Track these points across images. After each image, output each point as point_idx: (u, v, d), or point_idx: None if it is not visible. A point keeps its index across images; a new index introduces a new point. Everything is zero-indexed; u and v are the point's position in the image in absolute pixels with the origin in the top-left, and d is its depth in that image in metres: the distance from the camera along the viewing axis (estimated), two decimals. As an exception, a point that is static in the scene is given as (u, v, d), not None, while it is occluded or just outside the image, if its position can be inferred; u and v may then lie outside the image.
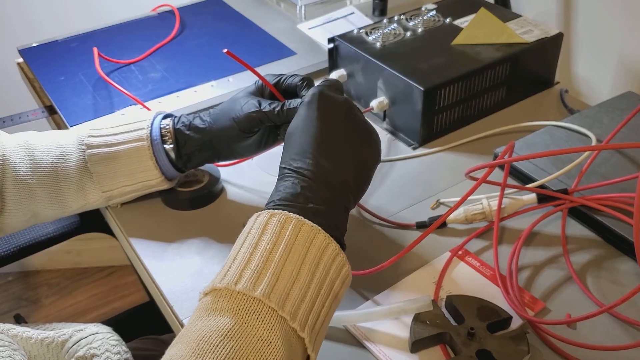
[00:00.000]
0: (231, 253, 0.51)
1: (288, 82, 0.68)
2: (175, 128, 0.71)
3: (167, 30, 1.10)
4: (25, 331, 0.69)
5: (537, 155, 0.71)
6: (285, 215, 0.51)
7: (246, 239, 0.51)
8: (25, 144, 0.71)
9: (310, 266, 0.49)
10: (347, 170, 0.56)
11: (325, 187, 0.54)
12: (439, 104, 0.83)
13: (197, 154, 0.72)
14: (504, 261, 0.67)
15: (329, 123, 0.58)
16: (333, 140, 0.57)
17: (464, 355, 0.55)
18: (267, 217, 0.52)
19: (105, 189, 0.72)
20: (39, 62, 1.03)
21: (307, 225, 0.51)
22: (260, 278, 0.47)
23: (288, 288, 0.48)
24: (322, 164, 0.55)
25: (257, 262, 0.48)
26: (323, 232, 0.51)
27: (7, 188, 0.69)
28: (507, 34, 0.90)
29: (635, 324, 0.60)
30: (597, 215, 0.69)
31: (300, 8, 1.14)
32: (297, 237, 0.50)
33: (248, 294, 0.46)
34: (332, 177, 0.55)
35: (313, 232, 0.51)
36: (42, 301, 1.78)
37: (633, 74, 0.99)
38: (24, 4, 1.46)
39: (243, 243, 0.51)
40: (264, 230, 0.51)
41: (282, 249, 0.49)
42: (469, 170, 0.66)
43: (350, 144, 0.58)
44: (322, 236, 0.51)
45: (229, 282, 0.47)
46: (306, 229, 0.51)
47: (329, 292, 0.51)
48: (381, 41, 0.91)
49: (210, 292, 0.48)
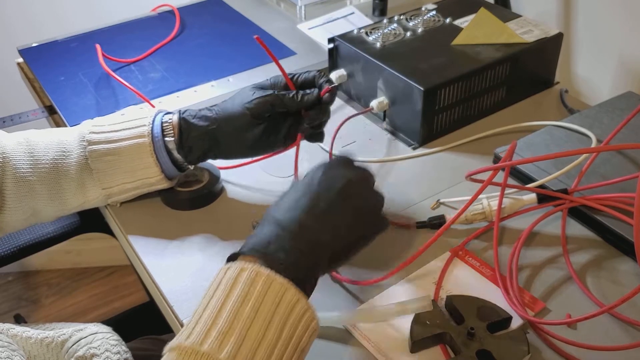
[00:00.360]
0: (199, 307, 0.50)
1: (304, 77, 0.72)
2: (181, 117, 0.72)
3: (167, 30, 1.10)
4: (25, 331, 0.69)
5: (540, 159, 0.72)
6: (255, 270, 0.50)
7: (215, 294, 0.50)
8: (25, 141, 0.72)
9: (279, 324, 0.49)
10: (331, 234, 0.56)
11: (304, 243, 0.54)
12: (439, 104, 0.83)
13: (199, 144, 0.71)
14: (504, 261, 0.67)
15: (329, 190, 0.57)
16: (326, 205, 0.56)
17: (464, 356, 0.55)
18: (237, 272, 0.51)
19: (105, 186, 0.72)
20: (39, 62, 1.03)
21: (277, 281, 0.50)
22: (227, 339, 0.47)
23: (254, 348, 0.47)
24: (306, 222, 0.55)
25: (224, 321, 0.48)
26: (293, 288, 0.50)
27: (7, 186, 0.69)
28: (507, 34, 0.90)
29: (635, 324, 0.60)
30: (597, 215, 0.69)
31: (300, 8, 1.14)
32: (267, 293, 0.49)
33: (214, 355, 0.46)
34: (312, 235, 0.55)
35: (283, 288, 0.50)
36: (42, 301, 1.78)
37: (633, 74, 0.99)
38: (24, 4, 1.46)
39: (210, 299, 0.50)
40: (233, 286, 0.50)
41: (250, 307, 0.48)
42: (470, 173, 0.66)
43: (343, 215, 0.57)
44: (293, 292, 0.50)
45: (195, 342, 0.47)
46: (276, 285, 0.50)
47: (295, 348, 0.50)
48: (381, 41, 0.91)
49: (175, 348, 0.47)
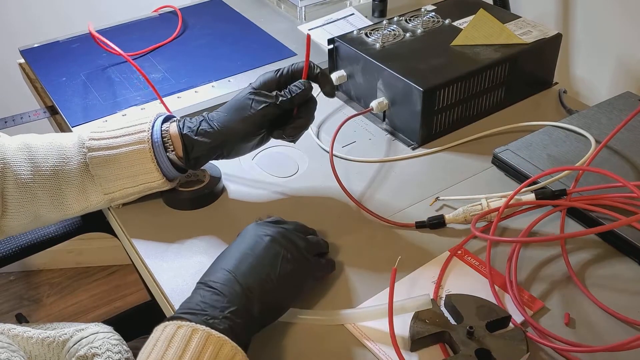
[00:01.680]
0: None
1: (293, 69, 0.73)
2: (183, 133, 0.71)
3: (168, 31, 1.10)
4: (26, 331, 0.70)
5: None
6: (192, 327, 0.51)
7: (152, 353, 0.51)
8: (25, 147, 0.72)
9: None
10: (260, 287, 0.57)
11: (236, 299, 0.55)
12: (439, 105, 0.84)
13: (205, 157, 0.73)
14: (503, 261, 0.67)
15: (254, 248, 0.59)
16: (253, 260, 0.58)
17: (463, 354, 0.55)
18: (174, 330, 0.51)
19: (107, 191, 0.72)
20: (40, 63, 1.03)
21: (213, 336, 0.51)
22: None
23: None
24: (235, 280, 0.56)
25: None
26: (230, 342, 0.51)
27: (8, 191, 0.69)
28: (506, 34, 0.90)
29: (635, 324, 0.60)
30: (595, 215, 0.70)
31: (301, 9, 1.15)
32: (203, 349, 0.50)
33: None
34: (243, 290, 0.56)
35: (220, 343, 0.51)
36: (43, 300, 1.79)
37: (631, 74, 0.99)
38: (26, 5, 1.46)
39: (149, 356, 0.51)
40: (170, 344, 0.50)
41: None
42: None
43: (271, 268, 0.58)
44: (229, 346, 0.51)
45: None
46: (213, 340, 0.51)
47: None
48: (381, 42, 0.91)
49: None
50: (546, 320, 0.61)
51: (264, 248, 0.59)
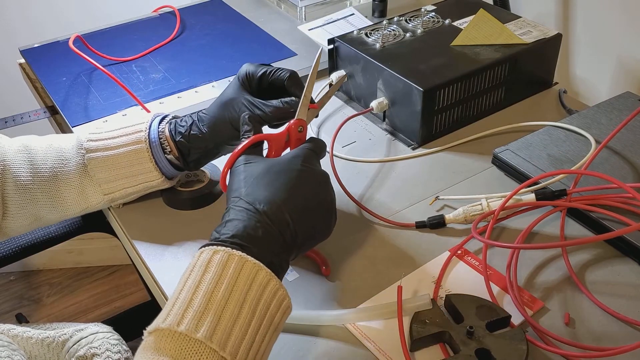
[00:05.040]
0: (174, 291, 0.51)
1: (276, 76, 0.69)
2: (176, 140, 0.71)
3: (168, 31, 1.10)
4: (26, 331, 0.70)
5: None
6: (228, 252, 0.51)
7: (189, 277, 0.51)
8: (24, 149, 0.72)
9: (251, 304, 0.50)
10: (298, 218, 0.56)
11: (275, 225, 0.55)
12: (439, 105, 0.84)
13: (204, 158, 0.73)
14: (503, 260, 0.67)
15: (301, 180, 0.59)
16: (298, 191, 0.58)
17: (463, 354, 0.55)
18: (210, 255, 0.52)
19: (107, 191, 0.72)
20: (40, 63, 1.03)
21: (249, 262, 0.51)
22: (202, 319, 0.48)
23: (229, 328, 0.48)
24: (275, 206, 0.56)
25: (199, 303, 0.49)
26: (265, 269, 0.52)
27: (8, 193, 0.70)
28: (506, 34, 0.90)
29: (635, 324, 0.60)
30: (595, 215, 0.70)
31: (301, 9, 1.15)
32: (239, 275, 0.51)
33: (190, 335, 0.47)
34: (281, 217, 0.56)
35: (255, 269, 0.51)
36: (43, 300, 1.79)
37: (631, 74, 0.99)
38: (26, 5, 1.46)
39: (186, 281, 0.51)
40: (207, 269, 0.51)
41: (224, 289, 0.50)
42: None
43: (305, 196, 0.58)
44: (264, 273, 0.52)
45: (172, 323, 0.48)
46: (248, 267, 0.51)
47: (269, 326, 0.51)
48: (381, 42, 0.91)
49: (153, 332, 0.49)
50: (546, 320, 0.61)
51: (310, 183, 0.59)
